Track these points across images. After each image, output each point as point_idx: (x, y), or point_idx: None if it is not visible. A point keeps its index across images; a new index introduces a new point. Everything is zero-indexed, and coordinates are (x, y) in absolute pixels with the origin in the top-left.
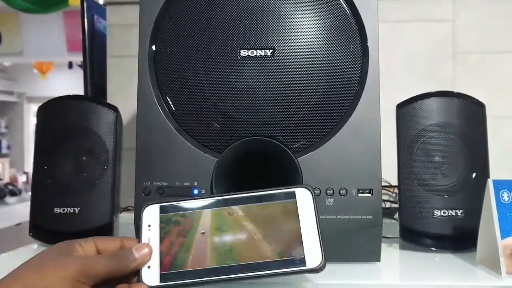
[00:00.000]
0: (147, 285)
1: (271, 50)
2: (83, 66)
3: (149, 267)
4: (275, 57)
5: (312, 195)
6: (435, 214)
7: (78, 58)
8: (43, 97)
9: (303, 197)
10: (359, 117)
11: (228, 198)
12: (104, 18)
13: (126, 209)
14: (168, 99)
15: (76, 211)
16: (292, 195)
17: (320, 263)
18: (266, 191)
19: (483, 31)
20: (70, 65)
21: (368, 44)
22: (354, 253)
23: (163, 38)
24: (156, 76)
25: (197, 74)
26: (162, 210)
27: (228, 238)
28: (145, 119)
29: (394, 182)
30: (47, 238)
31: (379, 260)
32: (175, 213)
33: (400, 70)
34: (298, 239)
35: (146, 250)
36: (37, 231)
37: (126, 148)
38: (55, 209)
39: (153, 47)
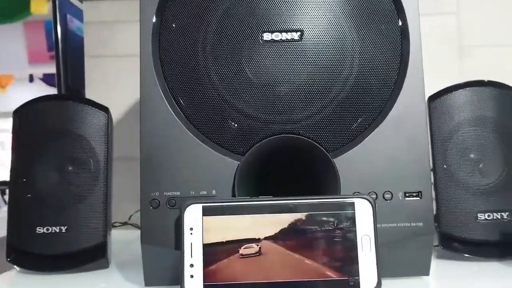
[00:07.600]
0: None
1: (298, 33)
2: (56, 71)
3: (191, 276)
4: (303, 41)
5: (373, 208)
6: (478, 218)
7: (40, 71)
8: (3, 112)
9: (363, 210)
10: (401, 108)
11: (277, 204)
12: (79, 18)
13: (112, 226)
14: (177, 95)
15: (63, 230)
16: (351, 207)
17: (376, 285)
18: (320, 199)
19: (489, 24)
20: (31, 79)
21: (408, 24)
22: (400, 267)
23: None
24: (163, 70)
25: (208, 64)
26: (206, 211)
27: (277, 251)
28: (150, 119)
29: None
30: (30, 263)
31: (428, 274)
32: (221, 216)
33: None
34: (353, 257)
35: None
36: (17, 255)
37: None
38: (37, 228)
39: (157, 41)
